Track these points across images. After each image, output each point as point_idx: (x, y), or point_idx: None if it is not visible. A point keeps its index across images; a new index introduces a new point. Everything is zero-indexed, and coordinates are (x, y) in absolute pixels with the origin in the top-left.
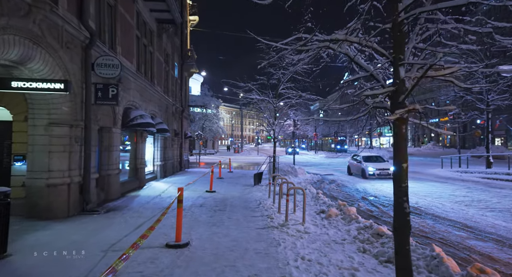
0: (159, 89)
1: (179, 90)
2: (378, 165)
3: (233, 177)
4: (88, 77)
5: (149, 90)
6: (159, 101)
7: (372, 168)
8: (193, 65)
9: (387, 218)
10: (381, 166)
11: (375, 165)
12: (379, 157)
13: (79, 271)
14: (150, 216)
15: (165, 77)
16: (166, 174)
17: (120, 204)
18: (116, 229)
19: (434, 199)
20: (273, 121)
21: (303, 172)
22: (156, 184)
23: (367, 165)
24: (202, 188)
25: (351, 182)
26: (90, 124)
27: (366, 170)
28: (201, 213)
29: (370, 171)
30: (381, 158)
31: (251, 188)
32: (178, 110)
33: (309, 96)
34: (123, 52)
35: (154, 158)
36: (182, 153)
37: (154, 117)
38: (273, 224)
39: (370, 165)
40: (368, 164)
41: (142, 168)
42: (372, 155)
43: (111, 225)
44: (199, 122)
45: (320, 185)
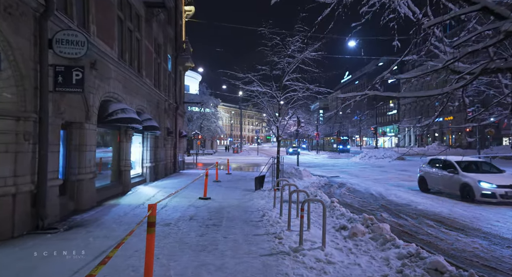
0: (148, 81)
1: (172, 84)
2: (496, 178)
3: (232, 180)
4: (43, 56)
5: (135, 81)
6: (149, 95)
7: (488, 184)
8: (188, 59)
9: (425, 236)
10: (503, 180)
11: (490, 178)
12: (486, 163)
13: None
14: (123, 236)
15: (156, 70)
16: (158, 176)
17: (91, 217)
18: (67, 260)
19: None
20: (277, 117)
21: (308, 174)
22: (143, 189)
23: (474, 178)
24: (195, 194)
25: (361, 185)
26: (47, 117)
27: (475, 187)
28: (190, 230)
29: (485, 189)
30: (491, 166)
31: (252, 194)
32: (171, 106)
33: (317, 89)
34: (99, 33)
35: (143, 159)
36: (176, 154)
37: (142, 113)
38: (283, 249)
39: (483, 179)
40: (475, 177)
41: (127, 171)
42: (473, 160)
43: (62, 252)
44: (197, 121)
45: (329, 189)
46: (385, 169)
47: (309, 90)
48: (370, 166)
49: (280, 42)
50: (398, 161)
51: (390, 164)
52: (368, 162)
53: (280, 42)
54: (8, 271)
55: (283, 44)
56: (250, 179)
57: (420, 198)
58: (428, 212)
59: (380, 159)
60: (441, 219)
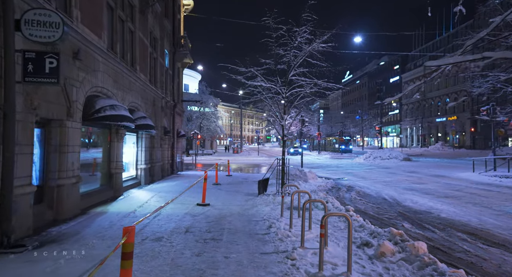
0: (143, 77)
1: (170, 82)
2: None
3: (232, 182)
4: (8, 39)
5: (128, 76)
6: (143, 92)
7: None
8: (186, 54)
9: (463, 254)
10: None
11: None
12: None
13: None
14: (103, 255)
15: (152, 65)
16: (154, 178)
17: (70, 230)
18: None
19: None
20: (282, 115)
21: (314, 176)
22: (136, 194)
23: None
24: (192, 200)
25: (371, 188)
26: (14, 113)
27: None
28: (185, 247)
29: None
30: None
31: (255, 199)
32: (169, 104)
33: (325, 85)
34: (84, 20)
35: (138, 160)
36: (174, 154)
37: (135, 111)
38: (298, 276)
39: None
40: None
41: (119, 174)
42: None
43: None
44: (197, 121)
45: (338, 193)
46: (392, 170)
47: (317, 86)
48: (375, 167)
49: (286, 33)
50: (404, 162)
51: (397, 165)
52: (373, 163)
53: (286, 33)
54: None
55: (289, 36)
56: (252, 181)
57: (440, 204)
58: (454, 222)
59: (386, 160)
60: (473, 230)
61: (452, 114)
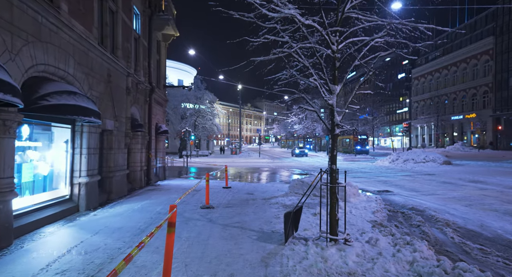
0: (80, 28)
1: (145, 56)
2: None
3: (232, 203)
4: None
5: (35, 15)
6: (83, 54)
7: None
8: (168, 21)
9: None
10: None
11: None
12: None
13: None
14: None
15: (106, 20)
16: (111, 196)
17: None
18: None
19: None
20: (330, 85)
21: (355, 192)
22: (48, 239)
23: None
24: (150, 259)
25: (455, 214)
26: None
27: None
28: None
29: None
30: None
31: (281, 256)
32: (142, 88)
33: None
34: None
35: (73, 170)
36: (151, 158)
37: (55, 81)
38: None
39: None
40: None
41: (5, 201)
42: None
43: None
44: (191, 119)
45: (410, 229)
46: (443, 178)
47: (392, 33)
48: (413, 173)
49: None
50: (446, 166)
51: (440, 171)
52: (405, 168)
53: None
54: None
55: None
56: (261, 199)
57: None
58: None
59: (421, 163)
60: None
61: (471, 111)
